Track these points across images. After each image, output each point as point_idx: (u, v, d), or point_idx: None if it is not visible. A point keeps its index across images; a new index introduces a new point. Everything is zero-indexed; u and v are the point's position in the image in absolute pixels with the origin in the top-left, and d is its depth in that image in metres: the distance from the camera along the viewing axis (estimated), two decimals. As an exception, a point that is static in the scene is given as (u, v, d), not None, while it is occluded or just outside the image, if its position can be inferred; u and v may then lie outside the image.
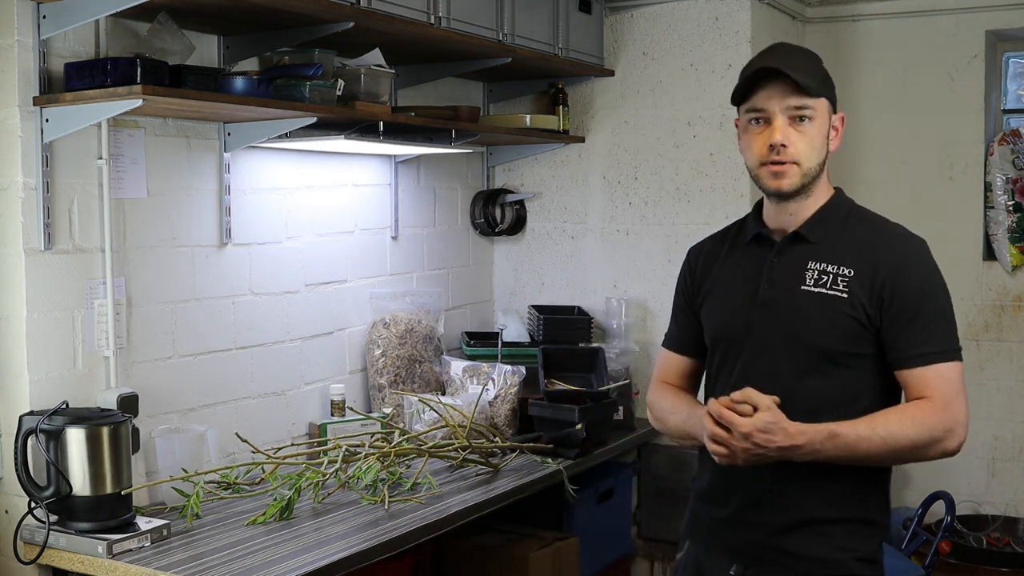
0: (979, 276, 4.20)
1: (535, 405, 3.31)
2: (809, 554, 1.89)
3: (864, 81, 4.32)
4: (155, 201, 2.72)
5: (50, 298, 2.45)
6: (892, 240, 1.91)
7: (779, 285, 1.91)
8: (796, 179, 1.88)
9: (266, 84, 2.65)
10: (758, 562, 1.93)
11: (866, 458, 1.79)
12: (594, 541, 3.31)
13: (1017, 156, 4.11)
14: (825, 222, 1.94)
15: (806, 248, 1.92)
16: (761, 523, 1.92)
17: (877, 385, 1.89)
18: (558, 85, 3.90)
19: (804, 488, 1.88)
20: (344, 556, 2.27)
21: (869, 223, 1.96)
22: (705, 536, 2.03)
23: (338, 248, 3.36)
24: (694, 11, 3.78)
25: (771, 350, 1.91)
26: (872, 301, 1.84)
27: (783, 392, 1.83)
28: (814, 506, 1.88)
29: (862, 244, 1.90)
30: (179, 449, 2.64)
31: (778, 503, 1.90)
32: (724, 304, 2.00)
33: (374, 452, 2.81)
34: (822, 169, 1.93)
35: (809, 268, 1.89)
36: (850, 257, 1.88)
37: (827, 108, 1.91)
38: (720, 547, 1.99)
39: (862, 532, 1.91)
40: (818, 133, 1.89)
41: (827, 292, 1.86)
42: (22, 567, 2.34)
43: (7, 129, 2.39)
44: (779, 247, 1.94)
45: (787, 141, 1.86)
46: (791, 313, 1.89)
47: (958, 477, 4.26)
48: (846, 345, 1.86)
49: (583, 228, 4.04)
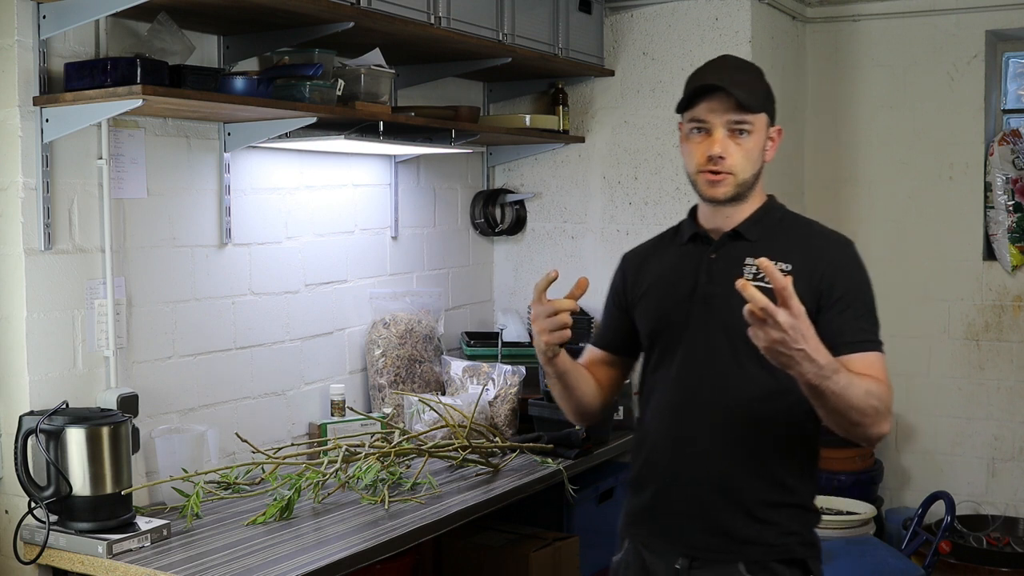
0: (979, 276, 4.20)
1: (535, 405, 3.31)
2: (755, 539, 1.94)
3: (864, 81, 4.32)
4: (155, 201, 2.72)
5: (50, 298, 2.45)
6: (827, 239, 2.02)
7: (717, 280, 1.98)
8: (731, 188, 1.98)
9: (266, 84, 2.65)
10: (704, 551, 1.96)
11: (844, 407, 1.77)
12: (594, 541, 3.31)
13: (1017, 156, 4.11)
14: (761, 223, 2.03)
15: (744, 245, 2.01)
16: (705, 510, 1.96)
17: None
18: (558, 85, 3.90)
19: (748, 473, 1.94)
20: (344, 556, 2.27)
21: (804, 225, 2.08)
22: (644, 532, 2.05)
23: (338, 248, 3.36)
24: (694, 11, 3.78)
25: (710, 341, 1.97)
26: (812, 294, 1.90)
27: (722, 380, 1.93)
28: (758, 491, 1.94)
29: (800, 242, 2.00)
30: (179, 449, 2.64)
31: (723, 489, 1.95)
32: (662, 300, 2.07)
33: (374, 452, 2.81)
34: (757, 178, 2.03)
35: (747, 264, 1.97)
36: (788, 254, 1.96)
37: (765, 122, 2.01)
38: (662, 541, 2.01)
39: (802, 517, 1.98)
40: (755, 146, 1.99)
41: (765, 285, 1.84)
42: (22, 567, 2.34)
43: (7, 129, 2.39)
44: (717, 244, 2.03)
45: (725, 153, 1.96)
46: (729, 305, 1.90)
47: (958, 477, 4.26)
48: None
49: (583, 228, 4.04)
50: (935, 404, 4.30)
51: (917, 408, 4.35)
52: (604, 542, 3.42)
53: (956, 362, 4.27)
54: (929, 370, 4.29)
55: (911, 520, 3.87)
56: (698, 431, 1.97)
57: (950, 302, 4.26)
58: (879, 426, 1.82)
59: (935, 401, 4.30)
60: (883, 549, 3.52)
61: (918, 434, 4.37)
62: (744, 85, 1.96)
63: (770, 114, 2.02)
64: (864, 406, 1.78)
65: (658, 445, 2.03)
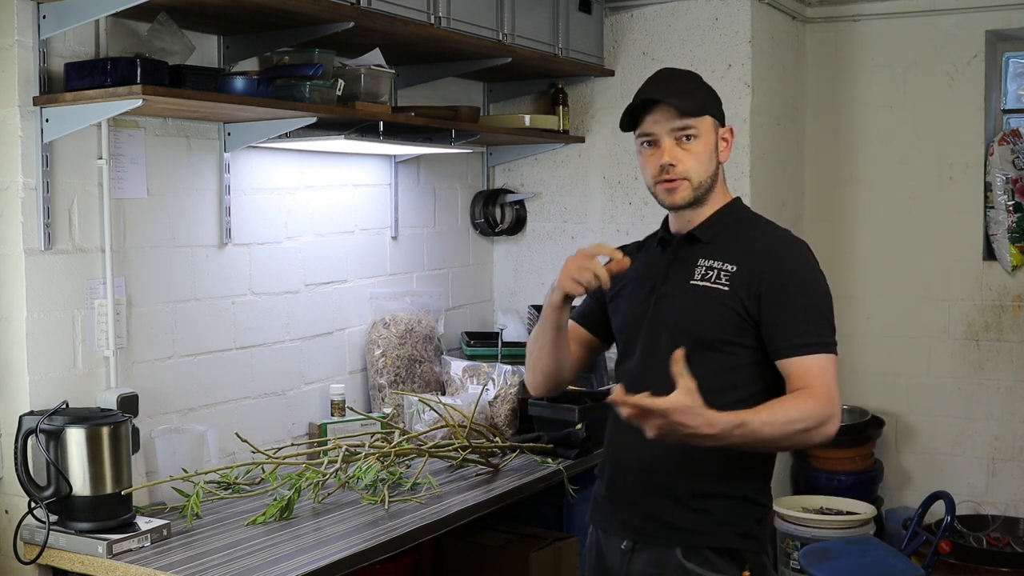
0: (979, 276, 4.20)
1: (535, 405, 3.31)
2: (689, 526, 2.01)
3: (864, 81, 4.32)
4: (155, 201, 2.72)
5: (50, 298, 2.45)
6: (771, 241, 2.07)
7: (672, 280, 2.10)
8: (687, 192, 2.07)
9: (266, 84, 2.65)
10: (645, 535, 2.06)
11: (766, 443, 1.90)
12: (594, 541, 3.31)
13: (1017, 156, 4.11)
14: (717, 225, 2.10)
15: (698, 247, 2.09)
16: (646, 497, 2.06)
17: (755, 375, 2.01)
18: (558, 85, 3.91)
19: (687, 464, 2.01)
20: (344, 556, 2.27)
21: (757, 227, 2.12)
22: (601, 516, 2.17)
23: (338, 248, 3.36)
24: (694, 11, 3.78)
25: (661, 337, 2.05)
26: (751, 295, 1.98)
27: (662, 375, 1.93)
28: (695, 482, 2.01)
29: (746, 244, 2.06)
30: (179, 449, 2.64)
31: (660, 478, 2.04)
32: (629, 299, 2.18)
33: (374, 452, 2.81)
34: (714, 180, 2.10)
35: (699, 265, 2.06)
36: (734, 255, 2.04)
37: (712, 124, 2.08)
38: (612, 524, 2.13)
39: (740, 508, 2.03)
40: (703, 149, 2.06)
41: (711, 285, 2.03)
42: (22, 567, 2.34)
43: (7, 129, 2.39)
44: (675, 247, 2.13)
45: (675, 160, 2.05)
46: (678, 304, 2.06)
47: (958, 477, 4.26)
48: (723, 333, 2.00)
49: (583, 228, 4.04)
50: (935, 404, 4.30)
51: (917, 408, 4.35)
52: (604, 542, 3.43)
53: (956, 362, 4.27)
54: (929, 370, 4.29)
55: (911, 520, 3.87)
56: None
57: (950, 302, 4.27)
58: (814, 438, 1.90)
59: (935, 401, 4.30)
60: (883, 549, 3.52)
61: (918, 434, 4.37)
62: (681, 93, 2.06)
63: (715, 115, 2.09)
64: (786, 435, 1.88)
65: (614, 435, 2.16)
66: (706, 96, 2.10)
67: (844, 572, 3.27)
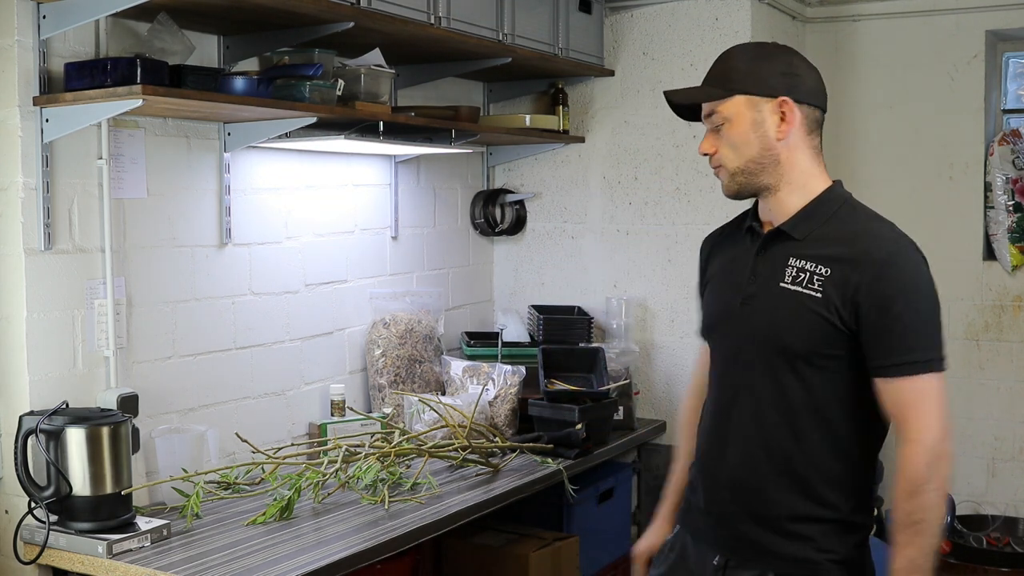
0: (979, 276, 4.20)
1: (535, 405, 3.31)
2: (784, 553, 1.87)
3: (864, 81, 4.32)
4: (155, 201, 2.72)
5: (50, 298, 2.45)
6: (872, 239, 1.82)
7: (760, 280, 1.90)
8: (728, 181, 1.91)
9: (266, 84, 2.65)
10: (738, 555, 1.92)
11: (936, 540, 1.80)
12: (594, 541, 3.31)
13: (1017, 156, 4.11)
14: (812, 218, 1.88)
15: (789, 244, 1.88)
16: (740, 516, 1.92)
17: (849, 390, 1.84)
18: (558, 85, 3.90)
19: (781, 485, 1.87)
20: (344, 556, 2.27)
21: (855, 221, 1.87)
22: (692, 524, 2.04)
23: (338, 248, 3.36)
24: (694, 11, 3.78)
25: (747, 344, 1.90)
26: (846, 304, 1.78)
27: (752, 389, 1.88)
28: (790, 504, 1.86)
29: (842, 243, 1.83)
30: (179, 449, 2.64)
31: (756, 500, 1.89)
32: (716, 294, 2.02)
33: (374, 452, 2.81)
34: (768, 163, 1.87)
35: (789, 265, 1.86)
36: (829, 256, 1.82)
37: (746, 102, 1.86)
38: (704, 537, 2.00)
39: (839, 533, 1.87)
40: (737, 132, 1.87)
41: (803, 291, 1.82)
42: (22, 567, 2.34)
43: (7, 129, 2.39)
44: (763, 242, 1.92)
45: (709, 149, 1.91)
46: (767, 308, 1.88)
47: (958, 477, 4.26)
48: (816, 345, 1.82)
49: (583, 228, 4.04)
50: (935, 404, 4.29)
51: None
52: (604, 542, 3.43)
53: (956, 362, 4.26)
54: (929, 370, 4.28)
55: (911, 520, 3.86)
56: (731, 439, 1.93)
57: (950, 302, 4.25)
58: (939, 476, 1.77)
59: (935, 401, 4.29)
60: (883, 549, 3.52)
61: (918, 434, 4.36)
62: (708, 79, 1.92)
63: (752, 92, 1.86)
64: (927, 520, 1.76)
65: (705, 445, 2.01)
66: (741, 72, 1.87)
67: (844, 572, 3.27)
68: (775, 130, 1.85)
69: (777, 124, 1.85)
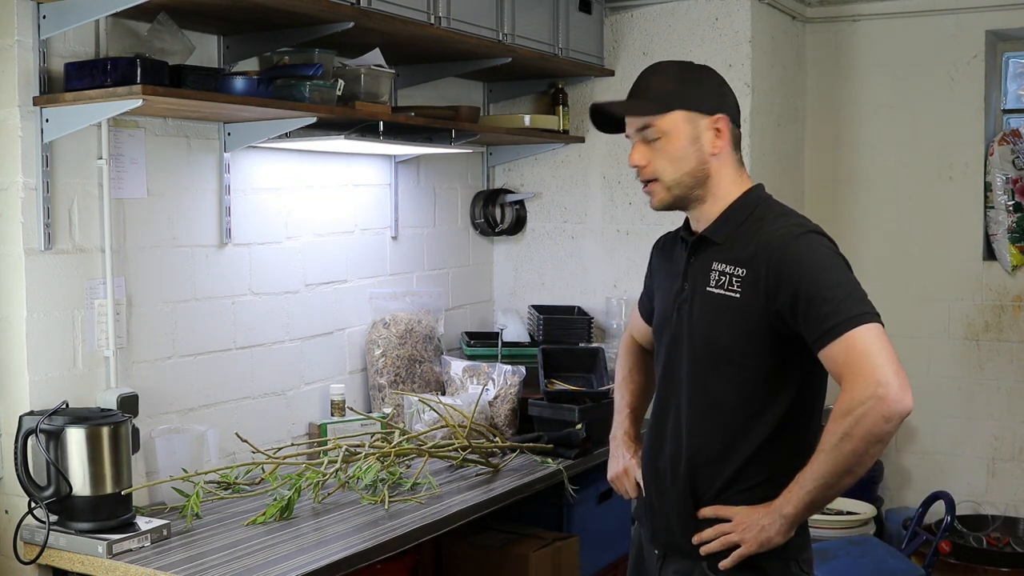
0: (979, 276, 4.20)
1: (535, 405, 3.31)
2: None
3: (864, 81, 4.32)
4: (155, 201, 2.72)
5: (50, 298, 2.45)
6: (771, 239, 1.87)
7: (690, 285, 1.99)
8: (663, 194, 1.96)
9: (266, 84, 2.65)
10: (670, 547, 2.02)
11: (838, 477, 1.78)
12: (594, 541, 3.31)
13: (1017, 156, 4.11)
14: (728, 222, 1.96)
15: (713, 249, 1.96)
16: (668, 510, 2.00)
17: (774, 390, 1.89)
18: (558, 85, 3.90)
19: (703, 475, 1.94)
20: (344, 556, 2.27)
21: (762, 220, 1.93)
22: (643, 519, 2.14)
23: (338, 248, 3.36)
24: (694, 11, 3.78)
25: (680, 346, 1.99)
26: (761, 298, 1.85)
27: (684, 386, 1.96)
28: (712, 493, 1.93)
29: (750, 242, 1.90)
30: (179, 449, 2.64)
31: (679, 491, 1.97)
32: (659, 300, 2.12)
33: (374, 452, 2.81)
34: (700, 176, 1.94)
35: (713, 269, 1.94)
36: (743, 257, 1.89)
37: (685, 118, 1.92)
38: (648, 531, 2.10)
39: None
40: (674, 146, 1.92)
41: (724, 293, 1.91)
42: (22, 567, 2.34)
43: (7, 129, 2.39)
44: (691, 249, 2.01)
45: (642, 161, 1.95)
46: (696, 313, 1.96)
47: (958, 477, 4.26)
48: (738, 345, 1.89)
49: (583, 228, 4.04)
50: (935, 404, 4.29)
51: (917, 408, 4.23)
52: (604, 542, 3.43)
53: (956, 362, 4.27)
54: (929, 370, 4.29)
55: (911, 520, 3.86)
56: (668, 432, 2.02)
57: (950, 302, 4.26)
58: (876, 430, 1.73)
59: (935, 401, 4.29)
60: (883, 549, 3.52)
61: (918, 434, 4.37)
62: (642, 91, 1.96)
63: (694, 108, 1.92)
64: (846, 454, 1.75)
65: (646, 439, 2.12)
66: (677, 90, 1.93)
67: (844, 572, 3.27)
68: (710, 145, 1.94)
69: (712, 140, 1.94)
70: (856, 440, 1.74)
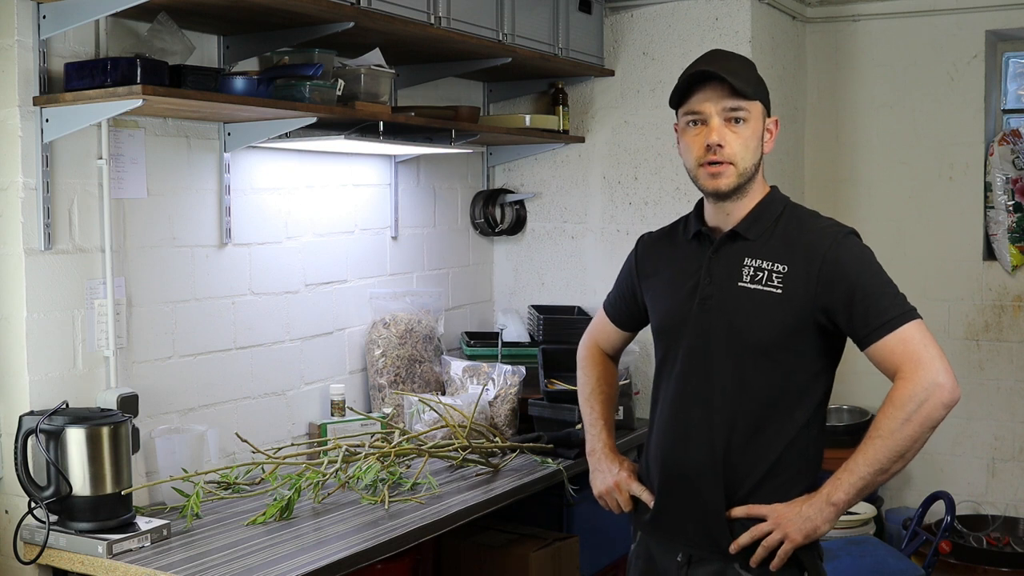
0: (979, 276, 4.20)
1: (535, 405, 3.31)
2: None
3: (864, 81, 4.32)
4: (155, 201, 2.72)
5: (50, 298, 2.45)
6: (820, 237, 1.94)
7: (716, 281, 1.98)
8: (733, 179, 1.95)
9: (266, 84, 2.65)
10: (700, 548, 1.98)
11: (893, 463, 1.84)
12: (594, 541, 3.31)
13: (1017, 156, 4.11)
14: (760, 220, 1.99)
15: (743, 245, 1.98)
16: (701, 510, 1.97)
17: (814, 383, 1.96)
18: (558, 85, 3.90)
19: (732, 477, 1.94)
20: (344, 556, 2.27)
21: (800, 219, 2.00)
22: (652, 526, 2.08)
23: (338, 248, 3.36)
24: (694, 11, 3.78)
25: (709, 344, 1.97)
26: (810, 299, 1.90)
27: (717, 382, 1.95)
28: (743, 494, 1.94)
29: (794, 240, 1.95)
30: (179, 449, 2.64)
31: (710, 492, 1.95)
32: (666, 298, 2.09)
33: (374, 452, 2.81)
34: (757, 170, 1.99)
35: (745, 265, 1.96)
36: (784, 254, 1.94)
37: (761, 111, 1.98)
38: (666, 534, 2.05)
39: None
40: (752, 135, 1.96)
41: (762, 288, 1.93)
42: (22, 567, 2.34)
43: (7, 129, 2.39)
44: (717, 244, 2.01)
45: (723, 141, 1.93)
46: (728, 308, 1.96)
47: (958, 477, 4.26)
48: (780, 340, 1.92)
49: (583, 228, 4.04)
50: (935, 404, 4.29)
51: None
52: (604, 542, 3.43)
53: (956, 362, 4.25)
54: (929, 370, 4.28)
55: (911, 520, 3.86)
56: (696, 430, 1.98)
57: (950, 302, 4.26)
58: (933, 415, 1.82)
59: (935, 401, 4.29)
60: (883, 549, 3.52)
61: (918, 434, 4.36)
62: (737, 72, 1.95)
63: (765, 104, 2.00)
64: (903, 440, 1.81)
65: (663, 440, 2.05)
66: (760, 82, 2.00)
67: (844, 572, 3.27)
68: (767, 144, 2.01)
69: (769, 139, 2.02)
70: (915, 424, 1.81)
